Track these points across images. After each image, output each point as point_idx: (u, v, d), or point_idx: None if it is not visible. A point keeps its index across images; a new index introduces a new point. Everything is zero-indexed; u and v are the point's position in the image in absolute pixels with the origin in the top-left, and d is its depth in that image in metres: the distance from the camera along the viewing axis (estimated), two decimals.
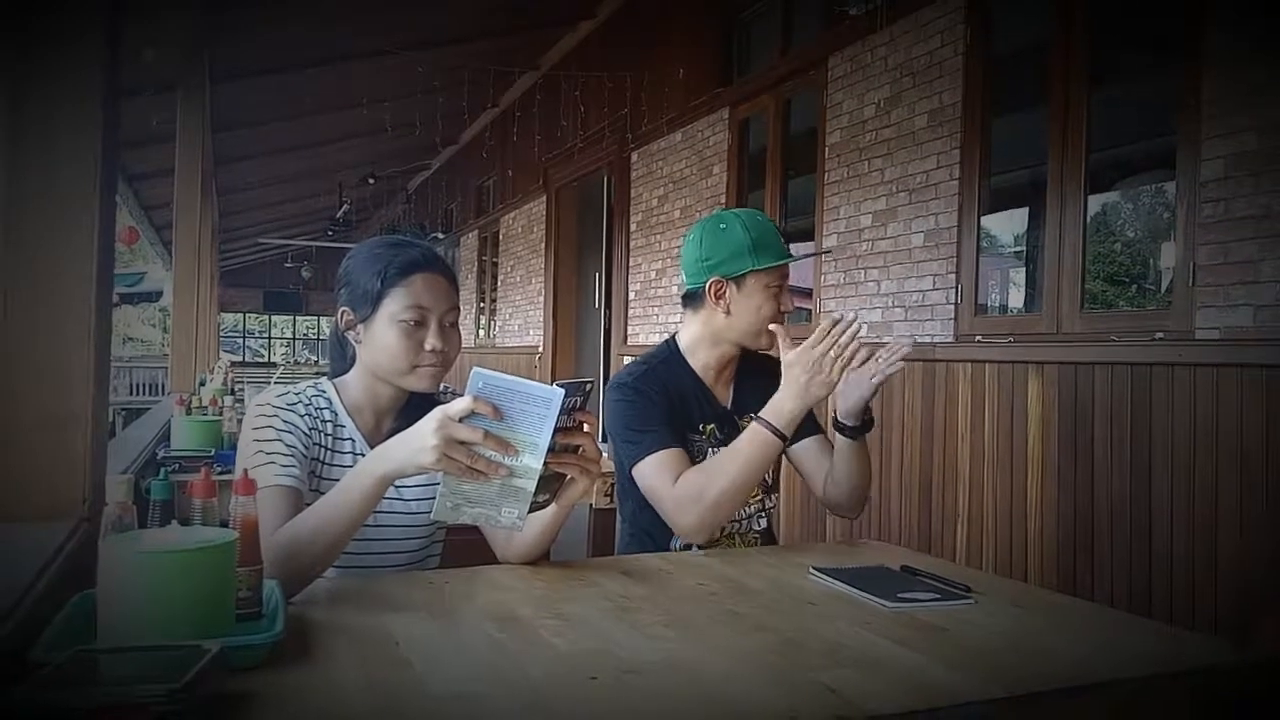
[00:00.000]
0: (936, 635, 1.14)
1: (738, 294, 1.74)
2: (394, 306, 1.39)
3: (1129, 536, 2.76)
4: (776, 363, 1.93)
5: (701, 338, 1.80)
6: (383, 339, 1.40)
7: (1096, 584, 2.84)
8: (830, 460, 1.79)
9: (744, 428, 1.78)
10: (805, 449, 1.87)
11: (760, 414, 1.58)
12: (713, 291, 1.76)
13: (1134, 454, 2.76)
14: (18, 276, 1.31)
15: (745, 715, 0.87)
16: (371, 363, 1.44)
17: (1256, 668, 1.10)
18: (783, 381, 1.58)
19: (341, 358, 1.51)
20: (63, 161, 1.32)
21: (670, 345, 1.85)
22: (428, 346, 1.40)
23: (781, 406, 1.57)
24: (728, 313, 1.76)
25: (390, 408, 1.49)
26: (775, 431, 1.57)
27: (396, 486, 1.48)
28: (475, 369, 1.18)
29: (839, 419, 1.70)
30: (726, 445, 1.76)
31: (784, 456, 1.89)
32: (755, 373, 1.88)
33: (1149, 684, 1.02)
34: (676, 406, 1.75)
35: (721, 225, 1.76)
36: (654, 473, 1.64)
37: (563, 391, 1.16)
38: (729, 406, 1.84)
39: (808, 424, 1.90)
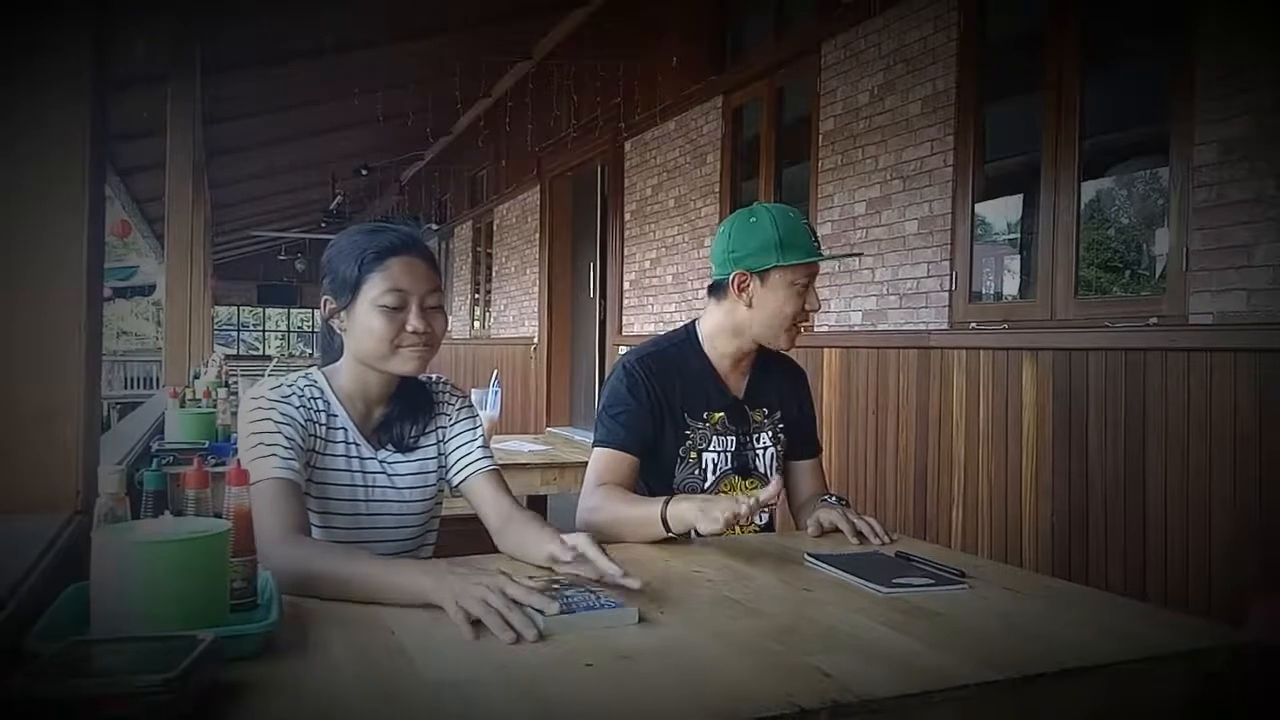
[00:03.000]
0: (931, 620, 1.14)
1: (761, 289, 1.73)
2: (373, 291, 1.39)
3: (1123, 521, 2.77)
4: (794, 364, 1.96)
5: (722, 328, 1.80)
6: (364, 324, 1.40)
7: (1091, 568, 2.85)
8: (809, 485, 1.86)
9: (755, 420, 1.82)
10: (800, 469, 1.91)
11: (670, 502, 1.53)
12: (736, 284, 1.75)
13: (1128, 439, 2.76)
14: (9, 271, 1.31)
15: (741, 700, 0.87)
16: (356, 349, 1.44)
17: (1250, 652, 1.10)
18: (700, 503, 1.50)
19: (331, 347, 1.51)
20: (52, 155, 1.32)
21: (689, 329, 1.85)
22: (409, 329, 1.40)
23: (683, 510, 1.50)
24: (750, 306, 1.75)
25: (380, 395, 1.49)
26: (664, 520, 1.52)
27: (389, 475, 1.48)
28: (546, 617, 1.04)
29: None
30: (735, 435, 1.80)
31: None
32: (773, 369, 1.89)
33: (1143, 667, 1.03)
34: (676, 392, 1.76)
35: (751, 219, 1.75)
36: (594, 465, 1.72)
37: (636, 610, 1.10)
38: (741, 397, 1.83)
39: (810, 442, 1.93)
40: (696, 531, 1.49)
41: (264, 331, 26.02)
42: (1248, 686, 1.08)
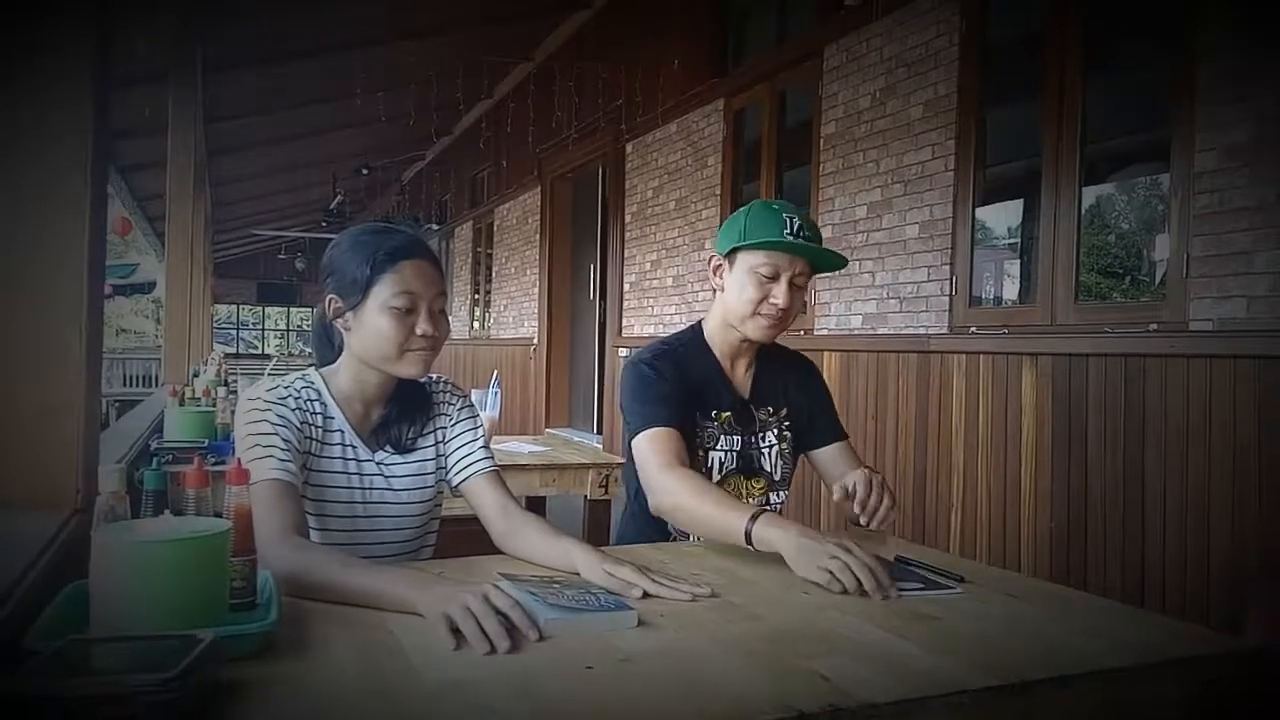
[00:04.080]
0: (930, 624, 1.14)
1: (729, 272, 1.76)
2: (384, 293, 1.38)
3: (1122, 527, 2.77)
4: (800, 356, 1.94)
5: (718, 320, 1.81)
6: (373, 326, 1.39)
7: (1090, 574, 2.85)
8: (842, 471, 1.76)
9: (761, 419, 1.82)
10: (826, 455, 1.87)
11: (758, 525, 1.41)
12: (712, 267, 1.80)
13: (1127, 445, 2.76)
14: (10, 269, 1.31)
15: (739, 703, 0.87)
16: (361, 350, 1.43)
17: (1248, 657, 1.11)
18: (796, 539, 1.36)
19: (328, 347, 1.50)
20: (53, 152, 1.32)
21: (695, 328, 1.86)
22: (419, 332, 1.40)
23: (774, 539, 1.39)
24: (722, 290, 1.78)
25: (378, 396, 1.49)
26: (747, 535, 1.42)
27: (386, 477, 1.48)
28: (545, 618, 1.05)
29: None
30: (741, 435, 1.79)
31: (805, 457, 1.90)
32: (777, 365, 1.88)
33: (1141, 673, 1.02)
34: (690, 389, 1.75)
35: (742, 209, 1.79)
36: (649, 447, 1.63)
37: (636, 613, 1.10)
38: (747, 397, 1.83)
39: (829, 429, 1.89)
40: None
41: (263, 330, 25.99)
42: (1246, 693, 1.08)
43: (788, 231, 1.68)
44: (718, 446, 1.78)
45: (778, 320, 1.73)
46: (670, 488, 1.57)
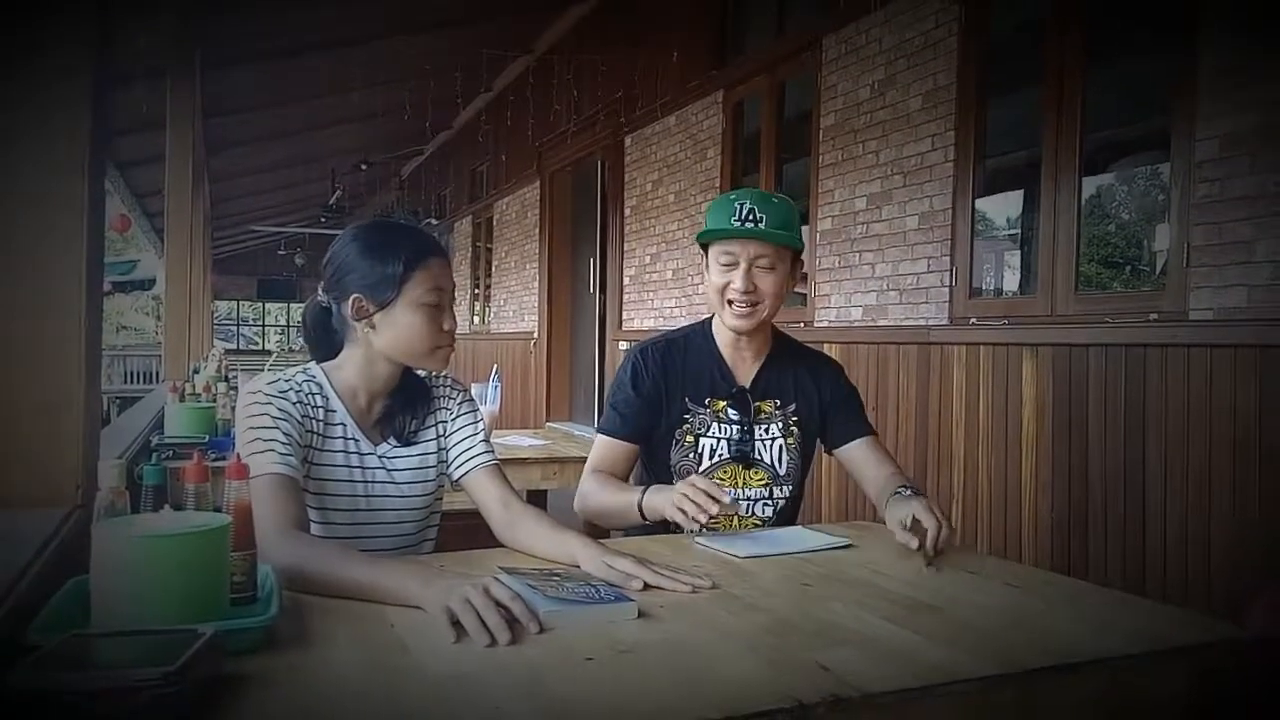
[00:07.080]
0: (931, 614, 1.14)
1: (706, 263, 1.80)
2: (417, 290, 1.40)
3: (1123, 516, 2.77)
4: (820, 355, 1.95)
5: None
6: (405, 323, 1.41)
7: (1091, 563, 2.86)
8: (871, 469, 1.80)
9: (764, 410, 1.83)
10: (852, 451, 1.86)
11: (647, 493, 1.61)
12: (703, 263, 1.84)
13: (1128, 435, 2.76)
14: (9, 266, 1.31)
15: (741, 695, 0.87)
16: (388, 347, 1.43)
17: (1248, 646, 1.11)
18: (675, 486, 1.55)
19: (328, 344, 1.50)
20: (52, 150, 1.32)
21: (705, 320, 1.90)
22: (445, 328, 1.44)
23: (655, 500, 1.58)
24: (706, 282, 1.82)
25: (384, 389, 1.49)
26: (640, 508, 1.63)
27: (388, 470, 1.48)
28: (544, 610, 1.06)
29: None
30: (739, 424, 1.80)
31: (832, 455, 1.91)
32: (791, 361, 1.87)
33: (1142, 661, 1.03)
34: (677, 379, 1.80)
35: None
36: (593, 451, 1.82)
37: (636, 604, 1.10)
38: (748, 386, 1.83)
39: (854, 424, 1.87)
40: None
41: (263, 326, 25.97)
42: (1247, 681, 1.08)
43: (735, 218, 1.70)
44: (709, 433, 1.80)
45: (748, 306, 1.73)
46: (584, 490, 1.76)
